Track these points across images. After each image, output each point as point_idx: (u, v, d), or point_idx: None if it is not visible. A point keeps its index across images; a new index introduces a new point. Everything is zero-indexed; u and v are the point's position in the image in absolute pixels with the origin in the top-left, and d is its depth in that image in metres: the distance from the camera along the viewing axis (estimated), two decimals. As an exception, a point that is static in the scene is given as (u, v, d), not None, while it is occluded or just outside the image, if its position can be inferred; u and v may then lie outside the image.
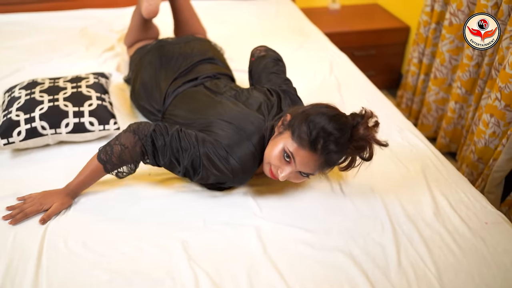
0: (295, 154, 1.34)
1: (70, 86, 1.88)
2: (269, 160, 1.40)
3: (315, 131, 1.30)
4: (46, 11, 2.91)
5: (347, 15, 3.32)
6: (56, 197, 1.50)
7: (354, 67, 2.38)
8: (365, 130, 1.35)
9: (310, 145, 1.31)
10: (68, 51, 2.47)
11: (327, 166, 1.37)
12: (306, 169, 1.35)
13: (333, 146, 1.30)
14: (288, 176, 1.38)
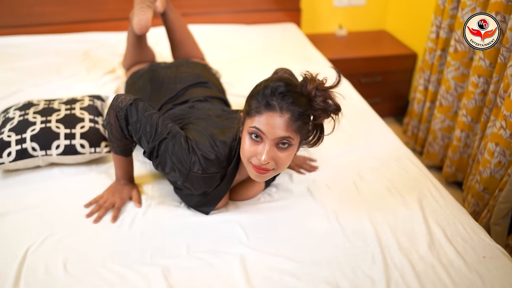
0: (260, 126, 1.27)
1: (64, 108, 1.87)
2: (245, 155, 1.33)
3: (263, 95, 1.27)
4: (50, 34, 2.93)
5: (354, 42, 3.30)
6: (117, 192, 1.61)
7: (356, 94, 2.34)
8: (312, 83, 1.27)
9: (266, 106, 1.26)
10: (69, 74, 2.47)
11: (297, 121, 1.26)
12: (278, 132, 1.26)
13: (288, 97, 1.25)
14: (269, 155, 1.29)
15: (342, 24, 3.41)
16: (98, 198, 1.60)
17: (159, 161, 1.47)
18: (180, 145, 1.44)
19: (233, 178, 1.52)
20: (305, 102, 1.26)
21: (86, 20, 2.97)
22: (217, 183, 1.50)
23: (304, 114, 1.27)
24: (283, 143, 1.29)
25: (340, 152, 1.87)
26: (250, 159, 1.33)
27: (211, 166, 1.45)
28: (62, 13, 2.93)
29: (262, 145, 1.29)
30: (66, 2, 2.90)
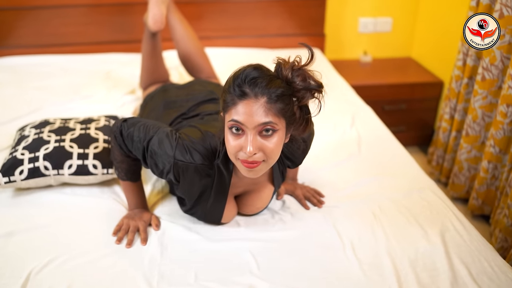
0: (238, 117, 1.20)
1: (79, 128, 1.85)
2: (231, 151, 1.26)
3: (235, 85, 1.21)
4: (73, 54, 2.95)
5: (379, 68, 3.24)
6: (137, 217, 1.56)
7: (379, 121, 2.27)
8: (287, 66, 1.22)
9: (240, 96, 1.20)
10: (89, 93, 2.47)
11: (276, 104, 1.19)
12: (257, 119, 1.19)
13: (260, 80, 1.19)
14: (255, 145, 1.21)
15: (367, 51, 3.36)
16: (120, 224, 1.55)
17: (150, 162, 1.43)
18: (166, 135, 1.41)
19: (229, 178, 1.44)
20: (280, 83, 1.21)
21: (109, 41, 2.99)
22: (210, 181, 1.43)
23: (283, 95, 1.20)
24: (267, 130, 1.21)
25: (360, 181, 1.80)
26: (237, 155, 1.25)
27: (197, 155, 1.39)
28: (85, 34, 2.95)
29: (245, 137, 1.22)
30: (89, 23, 2.92)
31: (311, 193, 1.72)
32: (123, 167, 1.55)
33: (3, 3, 2.79)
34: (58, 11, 2.87)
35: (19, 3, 2.81)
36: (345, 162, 1.94)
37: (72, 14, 2.89)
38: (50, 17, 2.87)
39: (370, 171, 1.88)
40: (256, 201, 1.57)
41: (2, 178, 1.66)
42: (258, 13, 3.04)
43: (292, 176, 1.78)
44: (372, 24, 3.29)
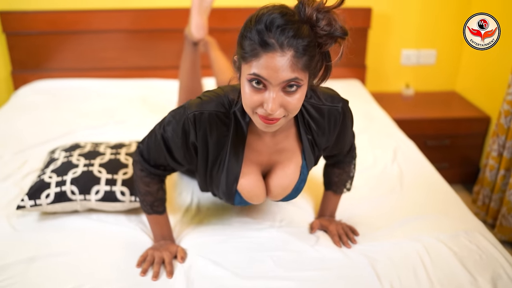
0: (260, 71, 1.07)
1: (109, 152, 1.80)
2: (249, 106, 1.14)
3: (256, 32, 1.07)
4: (111, 78, 2.95)
5: (421, 102, 3.12)
6: (163, 248, 1.49)
7: (422, 157, 2.14)
8: (312, 5, 1.08)
9: (262, 47, 1.06)
10: (124, 118, 2.45)
11: (303, 57, 1.07)
12: (283, 75, 1.07)
13: (287, 29, 1.05)
14: (277, 102, 1.10)
15: (409, 83, 3.25)
16: (145, 255, 1.47)
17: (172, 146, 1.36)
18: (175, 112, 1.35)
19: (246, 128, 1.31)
20: (308, 31, 1.07)
21: (146, 67, 2.98)
22: (227, 131, 1.30)
23: (310, 46, 1.08)
24: (291, 86, 1.10)
25: (401, 220, 1.67)
26: (255, 109, 1.14)
27: (210, 104, 1.28)
28: (123, 59, 2.96)
29: (267, 93, 1.10)
30: (128, 48, 2.93)
31: (345, 230, 1.60)
32: (148, 200, 1.49)
33: (46, 27, 2.83)
34: (98, 36, 2.89)
35: (61, 28, 2.84)
36: (385, 198, 1.82)
37: (112, 39, 2.90)
38: (90, 41, 2.89)
39: (412, 209, 1.75)
40: (282, 178, 1.41)
41: (28, 201, 1.62)
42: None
43: (330, 212, 1.68)
44: (415, 56, 3.18)
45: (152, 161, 1.44)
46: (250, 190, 1.40)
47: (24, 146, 2.17)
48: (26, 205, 1.62)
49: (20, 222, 1.65)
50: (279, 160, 1.41)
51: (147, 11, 2.87)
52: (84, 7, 2.85)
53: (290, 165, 1.40)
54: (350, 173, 1.64)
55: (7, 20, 2.79)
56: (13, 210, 1.69)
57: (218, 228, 1.62)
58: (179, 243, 1.56)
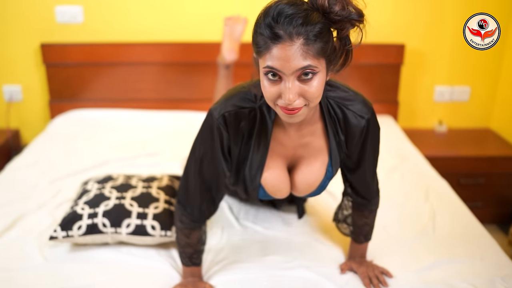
0: (273, 63, 1.09)
1: (141, 185, 1.81)
2: (269, 98, 1.16)
3: (266, 26, 1.08)
4: (143, 109, 3.00)
5: (455, 139, 3.07)
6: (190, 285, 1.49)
7: (455, 197, 2.10)
8: None
9: (272, 39, 1.07)
10: (155, 151, 2.47)
11: (314, 43, 1.08)
12: (295, 64, 1.07)
13: (295, 18, 1.06)
14: (294, 92, 1.10)
15: (442, 120, 3.21)
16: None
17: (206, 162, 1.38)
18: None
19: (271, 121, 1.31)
20: (318, 17, 1.08)
21: (179, 99, 3.02)
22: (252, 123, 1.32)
23: (321, 32, 1.08)
24: (306, 74, 1.10)
25: (434, 263, 1.63)
26: (276, 101, 1.15)
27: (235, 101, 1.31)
28: (157, 90, 3.00)
29: (283, 84, 1.11)
30: (161, 80, 2.98)
31: (375, 272, 1.56)
32: (188, 252, 1.49)
33: (83, 59, 2.91)
34: (132, 68, 2.95)
35: (97, 59, 2.92)
36: (417, 239, 1.78)
37: (146, 71, 2.96)
38: (125, 73, 2.96)
39: (445, 251, 1.71)
40: (307, 174, 1.40)
41: (61, 232, 1.65)
42: (331, 77, 2.99)
43: (361, 254, 1.65)
44: (449, 92, 3.15)
45: (191, 202, 1.44)
46: (274, 184, 1.40)
47: (58, 176, 2.21)
48: (58, 236, 1.64)
49: (51, 252, 1.68)
50: (305, 155, 1.40)
51: (181, 45, 2.92)
52: (120, 40, 2.93)
53: (315, 162, 1.40)
54: (372, 223, 1.60)
55: (47, 52, 2.88)
56: (45, 240, 1.71)
57: (247, 266, 1.61)
58: (207, 280, 1.55)
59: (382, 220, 1.83)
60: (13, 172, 2.26)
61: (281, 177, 1.40)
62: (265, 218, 1.89)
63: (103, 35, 2.92)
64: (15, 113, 3.07)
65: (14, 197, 2.02)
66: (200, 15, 2.92)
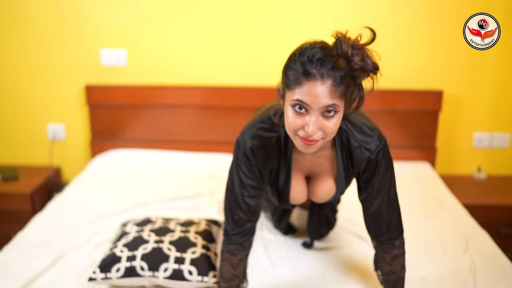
0: (302, 97, 1.23)
1: (179, 230, 1.84)
2: (291, 128, 1.30)
3: (301, 63, 1.24)
4: (181, 151, 3.05)
5: (494, 186, 3.01)
6: None
7: (497, 249, 2.05)
8: (347, 42, 1.27)
9: (305, 76, 1.22)
10: (192, 193, 2.50)
11: (340, 86, 1.23)
12: (323, 101, 1.22)
13: (327, 62, 1.21)
14: (317, 125, 1.25)
15: (481, 167, 3.16)
16: None
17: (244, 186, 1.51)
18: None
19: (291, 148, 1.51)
20: (345, 64, 1.24)
21: (216, 141, 3.06)
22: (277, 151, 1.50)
23: (346, 77, 1.24)
24: (329, 111, 1.25)
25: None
26: (297, 131, 1.29)
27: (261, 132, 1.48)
28: (194, 133, 3.06)
29: (308, 117, 1.25)
30: (199, 123, 3.04)
31: None
32: (234, 284, 1.56)
33: (124, 100, 2.99)
34: (171, 110, 3.02)
35: (138, 101, 3.00)
36: (457, 293, 1.74)
37: (184, 113, 3.02)
38: (163, 115, 3.03)
39: (487, 307, 1.67)
40: (320, 191, 1.62)
41: (100, 273, 1.68)
42: (367, 123, 3.00)
43: None
44: (488, 139, 3.11)
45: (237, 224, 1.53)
46: (295, 195, 1.62)
47: (98, 215, 2.26)
48: (97, 277, 1.67)
49: (89, 293, 1.70)
50: (319, 172, 1.60)
51: (217, 88, 2.98)
52: (160, 83, 3.01)
53: (328, 179, 1.60)
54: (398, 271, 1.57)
55: (91, 93, 2.98)
56: (84, 281, 1.74)
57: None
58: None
59: (421, 271, 1.81)
60: (54, 211, 2.33)
61: (300, 191, 1.63)
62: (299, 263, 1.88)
63: (144, 78, 3.02)
64: (58, 151, 3.17)
65: (55, 236, 2.07)
66: (237, 60, 2.99)
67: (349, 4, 2.87)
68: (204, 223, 1.93)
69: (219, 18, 2.92)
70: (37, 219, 2.23)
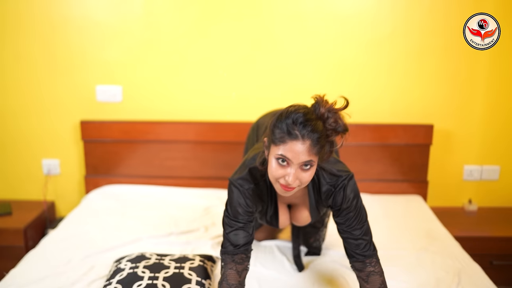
0: (285, 153, 1.47)
1: (173, 266, 1.85)
2: (273, 176, 1.53)
3: (285, 125, 1.47)
4: (175, 186, 3.08)
5: (485, 218, 3.04)
6: None
7: (489, 281, 2.06)
8: (325, 106, 1.50)
9: (289, 136, 1.45)
10: (187, 229, 2.51)
11: (316, 146, 1.46)
12: (302, 158, 1.46)
13: (308, 125, 1.45)
14: (296, 176, 1.49)
15: (472, 199, 3.20)
16: None
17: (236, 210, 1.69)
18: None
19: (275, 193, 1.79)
20: (321, 127, 1.48)
21: (210, 177, 3.09)
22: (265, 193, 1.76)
23: (322, 137, 1.47)
24: (306, 165, 1.49)
25: None
26: (278, 179, 1.53)
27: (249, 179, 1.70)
28: (188, 168, 3.09)
29: (289, 169, 1.49)
30: (193, 158, 3.07)
31: None
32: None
33: (119, 136, 3.03)
34: (165, 146, 3.05)
35: (132, 137, 3.04)
36: (451, 327, 1.75)
37: (178, 149, 3.05)
38: (158, 150, 3.06)
39: None
40: (299, 218, 1.92)
41: (95, 311, 1.67)
42: (360, 157, 3.04)
43: None
44: (478, 171, 3.16)
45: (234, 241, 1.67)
46: (281, 222, 1.93)
47: (92, 251, 2.25)
48: (91, 315, 1.67)
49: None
50: (298, 203, 1.89)
51: (211, 124, 3.03)
52: (155, 118, 3.06)
53: (304, 210, 1.88)
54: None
55: (86, 129, 3.01)
56: (79, 318, 1.73)
57: None
58: None
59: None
60: (48, 246, 2.32)
61: (284, 218, 1.93)
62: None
63: (139, 113, 3.06)
64: (52, 185, 3.18)
65: (49, 273, 2.06)
66: (230, 96, 3.05)
67: (343, 42, 2.95)
68: (198, 259, 1.94)
69: (213, 55, 2.98)
70: (30, 255, 2.22)
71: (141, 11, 2.92)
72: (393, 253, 2.27)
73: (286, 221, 1.95)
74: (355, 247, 1.69)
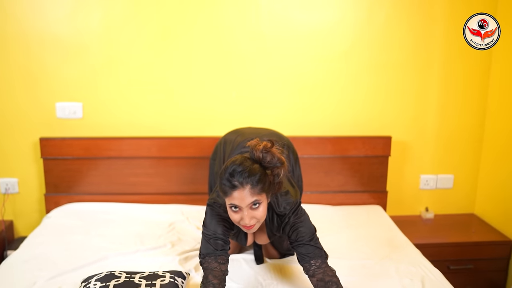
0: (234, 202, 1.70)
1: (144, 284, 1.84)
2: (235, 221, 1.77)
3: (226, 179, 1.68)
4: (139, 203, 3.06)
5: (441, 225, 3.17)
6: None
7: (450, 286, 2.15)
8: (258, 149, 1.71)
9: (231, 188, 1.68)
10: (154, 245, 2.49)
11: (257, 186, 1.68)
12: (248, 200, 1.69)
13: (243, 172, 1.66)
14: (249, 217, 1.73)
15: (429, 207, 3.32)
16: None
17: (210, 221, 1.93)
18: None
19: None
20: (258, 168, 1.70)
21: (174, 192, 3.09)
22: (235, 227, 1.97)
23: (260, 177, 1.69)
24: (255, 204, 1.71)
25: None
26: (238, 222, 1.77)
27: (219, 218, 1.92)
28: (152, 184, 3.07)
29: (242, 213, 1.72)
30: (156, 174, 3.06)
31: None
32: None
33: (80, 153, 2.98)
34: (127, 162, 3.02)
35: (94, 154, 3.00)
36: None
37: (141, 165, 3.04)
38: (120, 167, 3.03)
39: None
40: (259, 240, 2.16)
41: (65, 334, 1.65)
42: (321, 169, 3.11)
43: None
44: (434, 180, 3.29)
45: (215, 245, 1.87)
46: (249, 242, 2.18)
47: (57, 272, 2.19)
48: (62, 338, 1.64)
49: None
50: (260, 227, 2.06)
51: (174, 139, 3.03)
52: (116, 134, 3.04)
53: (264, 234, 2.10)
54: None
55: (46, 146, 2.95)
56: None
57: None
58: None
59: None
60: (10, 269, 2.24)
61: (251, 239, 2.17)
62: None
63: (100, 130, 3.03)
64: (10, 204, 3.10)
65: (13, 297, 2.01)
66: (192, 111, 3.07)
67: (303, 58, 3.03)
68: (168, 275, 1.94)
69: (174, 71, 2.99)
70: (-9, 279, 2.16)
71: (99, 26, 2.90)
72: (358, 262, 2.33)
73: (251, 242, 2.19)
74: (307, 259, 1.86)
